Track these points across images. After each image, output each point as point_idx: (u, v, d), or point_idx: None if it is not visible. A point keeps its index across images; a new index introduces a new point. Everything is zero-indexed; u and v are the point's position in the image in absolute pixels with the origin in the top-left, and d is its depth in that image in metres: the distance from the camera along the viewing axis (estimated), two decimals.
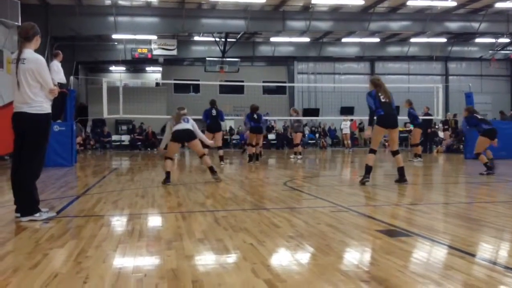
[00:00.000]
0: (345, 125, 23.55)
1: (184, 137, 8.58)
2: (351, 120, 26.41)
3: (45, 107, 4.83)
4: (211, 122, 13.11)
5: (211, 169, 8.73)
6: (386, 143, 28.47)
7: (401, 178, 7.94)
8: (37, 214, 4.73)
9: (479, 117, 10.38)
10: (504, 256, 3.47)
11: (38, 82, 4.76)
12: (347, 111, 28.66)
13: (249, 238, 3.91)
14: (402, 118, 19.86)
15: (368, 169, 7.89)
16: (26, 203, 4.75)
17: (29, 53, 4.79)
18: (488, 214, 5.14)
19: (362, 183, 7.81)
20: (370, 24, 25.36)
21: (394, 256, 3.30)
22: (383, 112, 7.78)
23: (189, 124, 8.61)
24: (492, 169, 9.72)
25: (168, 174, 8.32)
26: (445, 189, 8.14)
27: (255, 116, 13.96)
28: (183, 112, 8.69)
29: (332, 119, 29.47)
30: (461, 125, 17.74)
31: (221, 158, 13.40)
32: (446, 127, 22.77)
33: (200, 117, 13.15)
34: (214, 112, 13.17)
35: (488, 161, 9.96)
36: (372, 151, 8.05)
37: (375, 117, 7.92)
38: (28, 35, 4.83)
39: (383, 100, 7.81)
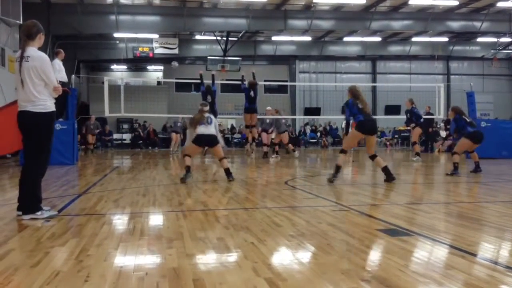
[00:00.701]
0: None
1: (207, 143, 8.59)
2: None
3: (49, 105, 4.84)
4: None
5: (227, 171, 8.51)
6: (387, 143, 28.63)
7: (388, 177, 7.96)
8: (39, 213, 4.74)
9: (468, 119, 10.15)
10: (505, 256, 3.47)
11: (42, 80, 4.76)
12: None
13: (250, 237, 3.91)
14: (403, 117, 19.89)
15: (337, 169, 8.00)
16: (29, 201, 4.75)
17: (33, 51, 4.79)
18: (489, 213, 5.14)
19: (330, 181, 7.91)
20: (372, 23, 25.34)
21: (395, 256, 3.30)
22: (363, 118, 7.86)
23: (213, 125, 8.40)
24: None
25: (188, 168, 8.20)
26: (446, 188, 8.13)
27: (251, 93, 13.49)
28: (206, 109, 8.49)
29: (334, 118, 29.46)
30: (450, 126, 17.66)
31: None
32: (448, 126, 22.68)
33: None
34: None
35: (476, 162, 9.97)
36: (343, 152, 8.16)
37: (351, 124, 8.08)
38: (31, 33, 4.82)
39: (360, 107, 7.91)
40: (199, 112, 8.45)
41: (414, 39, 30.29)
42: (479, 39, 30.83)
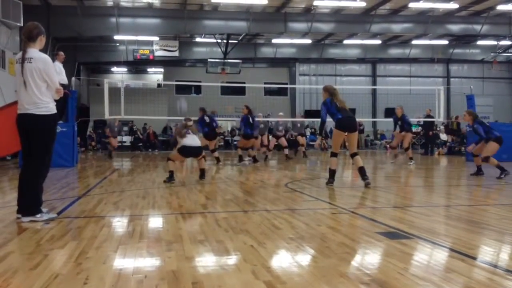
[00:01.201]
0: None
1: (192, 154, 9.04)
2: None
3: (51, 107, 4.84)
4: (209, 130, 13.36)
5: (203, 171, 9.16)
6: (388, 145, 28.60)
7: (362, 177, 7.83)
8: (38, 215, 4.73)
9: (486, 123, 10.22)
10: (505, 259, 3.46)
11: (45, 81, 4.76)
12: None
13: (250, 239, 3.91)
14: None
15: (332, 173, 7.99)
16: (30, 203, 4.74)
17: (35, 52, 4.79)
18: (489, 216, 5.13)
19: (329, 184, 7.92)
20: (372, 26, 25.37)
21: (395, 259, 3.29)
22: (341, 115, 7.80)
23: (196, 138, 8.95)
24: (504, 169, 9.54)
25: (172, 173, 8.54)
26: (446, 191, 8.13)
27: (206, 119, 13.57)
28: (189, 124, 8.91)
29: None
30: (466, 129, 17.58)
31: (218, 159, 13.73)
32: (451, 128, 22.54)
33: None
34: (207, 119, 13.33)
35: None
36: (334, 155, 8.12)
37: (326, 125, 8.26)
38: (32, 35, 4.82)
39: (339, 106, 7.85)
40: (183, 126, 8.83)
41: (414, 42, 30.32)
42: (479, 42, 30.86)
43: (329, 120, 8.13)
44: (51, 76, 4.79)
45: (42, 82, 4.75)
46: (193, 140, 8.75)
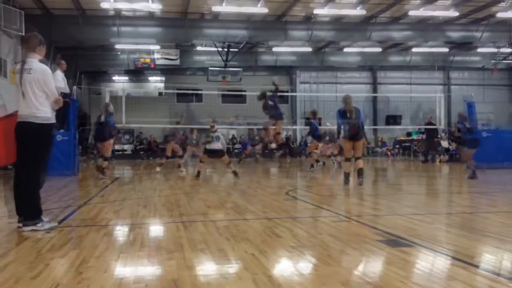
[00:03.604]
0: None
1: (215, 156, 11.40)
2: None
3: (50, 117, 4.86)
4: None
5: (235, 173, 11.25)
6: (389, 153, 28.61)
7: (358, 176, 8.98)
8: (39, 224, 4.74)
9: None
10: (507, 267, 3.45)
11: (44, 92, 4.78)
12: None
13: (251, 248, 3.90)
14: (403, 127, 19.91)
15: (346, 175, 9.29)
16: (30, 212, 4.75)
17: (35, 63, 4.81)
18: (491, 224, 5.12)
19: (344, 186, 9.10)
20: (372, 33, 25.42)
21: (396, 267, 3.29)
22: (348, 126, 9.07)
23: (220, 142, 11.18)
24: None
25: (199, 173, 11.16)
26: (447, 199, 8.11)
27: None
28: (214, 129, 11.10)
29: (334, 128, 29.41)
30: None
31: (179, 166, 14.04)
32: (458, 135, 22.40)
33: (202, 126, 13.29)
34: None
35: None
36: (347, 160, 9.45)
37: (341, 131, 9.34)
38: (31, 45, 4.84)
39: (348, 116, 9.05)
40: (210, 132, 11.23)
41: (414, 49, 30.35)
42: (479, 50, 30.89)
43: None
44: (50, 86, 4.82)
45: (42, 92, 4.77)
46: (215, 144, 11.03)
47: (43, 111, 4.78)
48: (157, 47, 27.56)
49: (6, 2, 17.79)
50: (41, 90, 4.76)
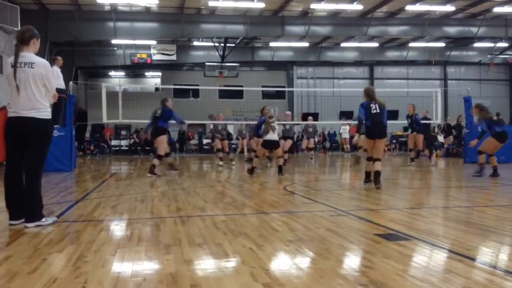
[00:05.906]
0: (344, 130, 23.57)
1: (272, 147, 10.92)
2: (350, 124, 26.47)
3: (49, 112, 4.87)
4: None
5: (280, 168, 10.86)
6: (385, 148, 28.66)
7: (375, 180, 7.98)
8: (43, 219, 4.74)
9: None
10: (504, 260, 3.47)
11: (45, 86, 4.76)
12: (346, 115, 28.70)
13: (248, 242, 3.91)
14: (400, 122, 19.94)
15: (367, 174, 8.46)
16: (35, 209, 4.72)
17: (35, 57, 4.78)
18: (488, 218, 5.14)
19: (364, 184, 8.43)
20: (369, 29, 25.42)
21: (393, 260, 3.30)
22: (369, 123, 8.08)
23: (276, 133, 10.88)
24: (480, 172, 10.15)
25: (253, 168, 10.88)
26: (444, 193, 8.13)
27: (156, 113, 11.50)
28: (271, 120, 10.81)
29: (331, 123, 29.50)
30: (464, 132, 17.72)
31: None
32: (453, 129, 22.40)
33: (199, 121, 13.22)
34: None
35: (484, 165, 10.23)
36: (369, 159, 8.35)
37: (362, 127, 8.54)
38: (24, 38, 4.76)
39: (373, 112, 8.02)
40: (267, 123, 10.83)
41: (411, 44, 30.40)
42: (476, 45, 30.95)
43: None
44: (51, 81, 4.83)
45: (43, 87, 4.76)
46: (272, 135, 10.70)
47: (44, 105, 4.76)
48: (153, 42, 27.50)
49: None
50: (42, 84, 4.74)
